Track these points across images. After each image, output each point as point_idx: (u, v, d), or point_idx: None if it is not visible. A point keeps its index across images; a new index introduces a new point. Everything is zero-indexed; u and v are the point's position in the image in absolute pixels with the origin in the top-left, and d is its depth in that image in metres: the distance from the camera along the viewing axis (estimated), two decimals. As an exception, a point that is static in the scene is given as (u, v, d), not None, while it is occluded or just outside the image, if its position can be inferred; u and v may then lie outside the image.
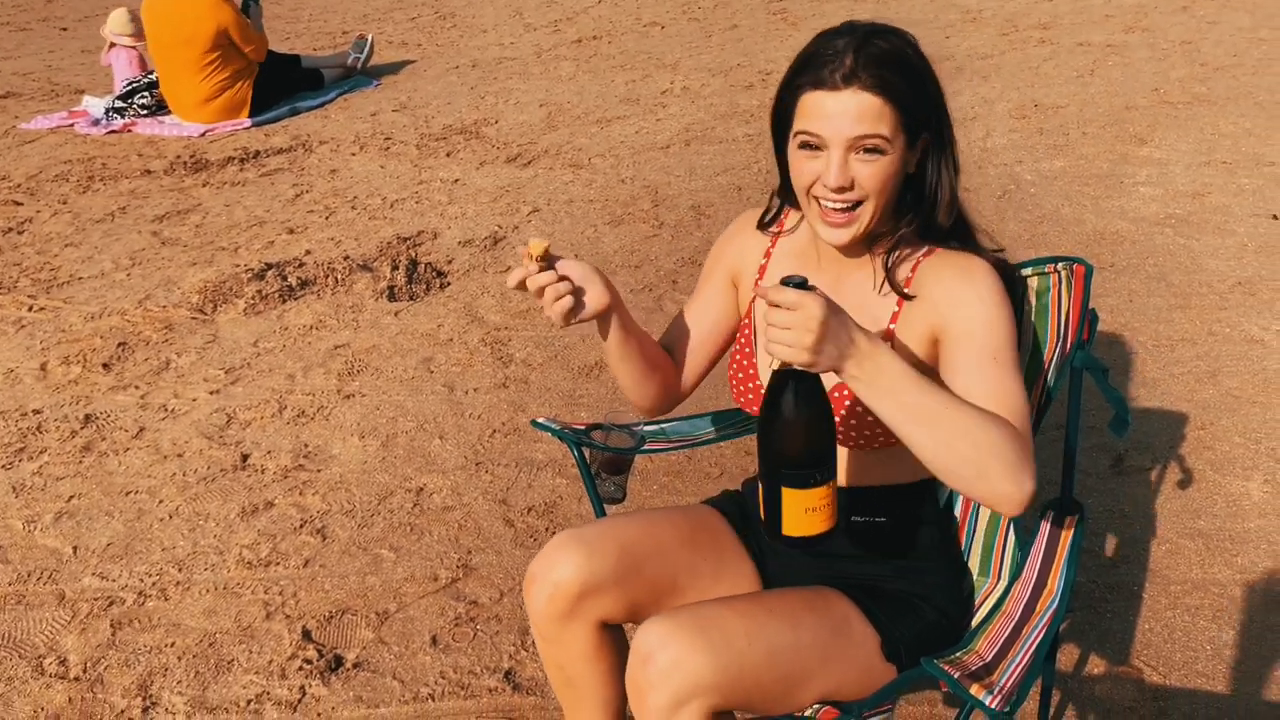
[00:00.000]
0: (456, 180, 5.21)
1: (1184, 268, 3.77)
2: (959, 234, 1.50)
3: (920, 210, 1.49)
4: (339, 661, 2.26)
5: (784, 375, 1.26)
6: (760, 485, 1.32)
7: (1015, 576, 1.63)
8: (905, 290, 1.49)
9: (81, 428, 3.22)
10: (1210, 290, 3.60)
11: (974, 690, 1.31)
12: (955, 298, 1.43)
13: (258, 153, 5.82)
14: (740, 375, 1.65)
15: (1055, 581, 1.54)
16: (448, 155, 5.60)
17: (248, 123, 6.32)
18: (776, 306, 1.23)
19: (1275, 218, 4.11)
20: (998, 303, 1.42)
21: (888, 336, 1.49)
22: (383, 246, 4.44)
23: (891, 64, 1.38)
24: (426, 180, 5.24)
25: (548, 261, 1.48)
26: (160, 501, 2.85)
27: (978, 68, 6.43)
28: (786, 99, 1.45)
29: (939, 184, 1.47)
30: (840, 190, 1.40)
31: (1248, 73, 5.92)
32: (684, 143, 5.52)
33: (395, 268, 4.19)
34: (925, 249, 1.51)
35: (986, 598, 1.66)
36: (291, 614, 2.41)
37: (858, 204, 1.42)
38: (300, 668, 2.24)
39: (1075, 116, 5.43)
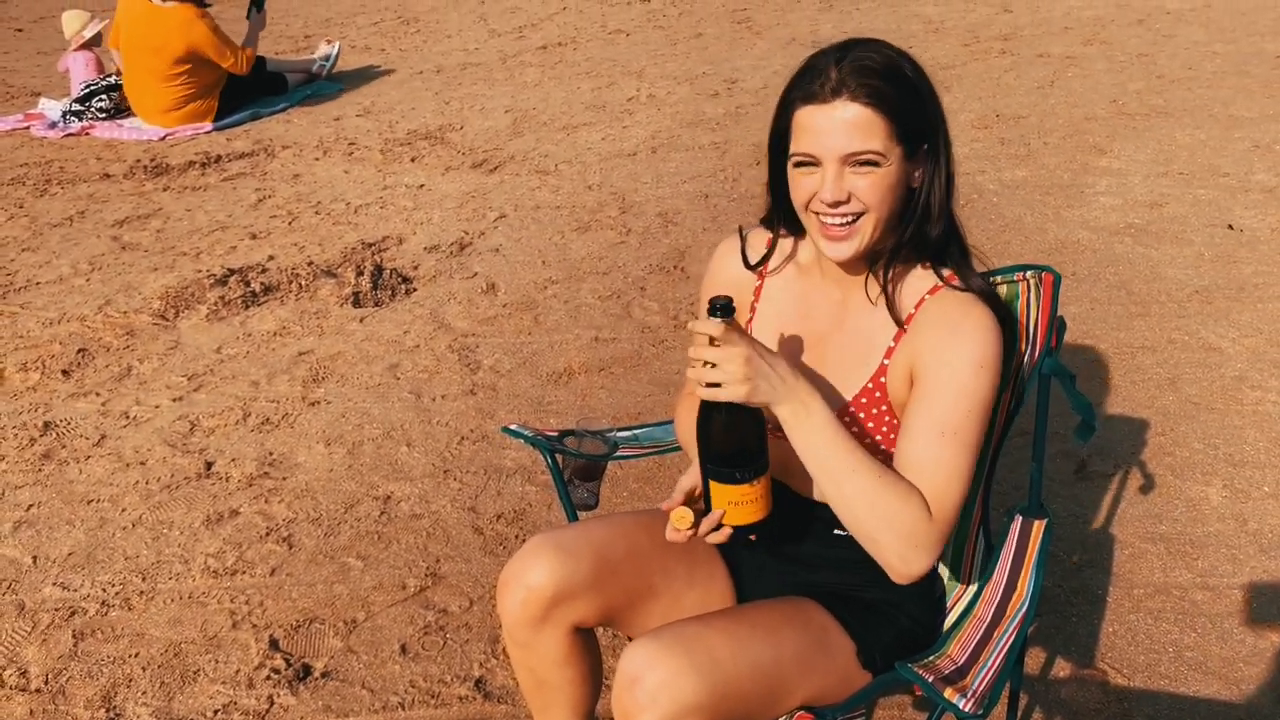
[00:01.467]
0: (422, 186, 5.19)
1: (1143, 276, 3.83)
2: (954, 254, 1.48)
3: (911, 220, 1.46)
4: (307, 671, 2.24)
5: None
6: (702, 475, 1.43)
7: (985, 581, 1.65)
8: (905, 324, 1.47)
9: (41, 435, 3.17)
10: (1169, 298, 3.66)
11: (948, 694, 1.33)
12: (938, 351, 1.42)
13: (219, 157, 5.76)
14: None
15: (1025, 585, 1.57)
16: (412, 161, 5.57)
17: (209, 127, 6.26)
18: (704, 343, 1.30)
19: (1230, 228, 4.19)
20: (977, 369, 1.40)
21: (881, 372, 1.48)
22: (347, 252, 4.41)
23: (882, 74, 1.37)
24: (391, 186, 5.21)
25: (695, 519, 1.45)
26: (123, 510, 2.81)
27: (940, 78, 6.47)
28: (781, 117, 1.44)
29: (930, 194, 1.45)
30: (836, 204, 1.39)
31: (1203, 85, 6.04)
32: (650, 150, 5.53)
33: (360, 273, 4.16)
34: (932, 284, 1.48)
35: (957, 602, 1.68)
36: (258, 623, 2.38)
37: (858, 216, 1.40)
38: (268, 677, 2.22)
39: (1036, 127, 5.51)
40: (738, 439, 1.36)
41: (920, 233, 1.46)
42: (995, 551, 1.67)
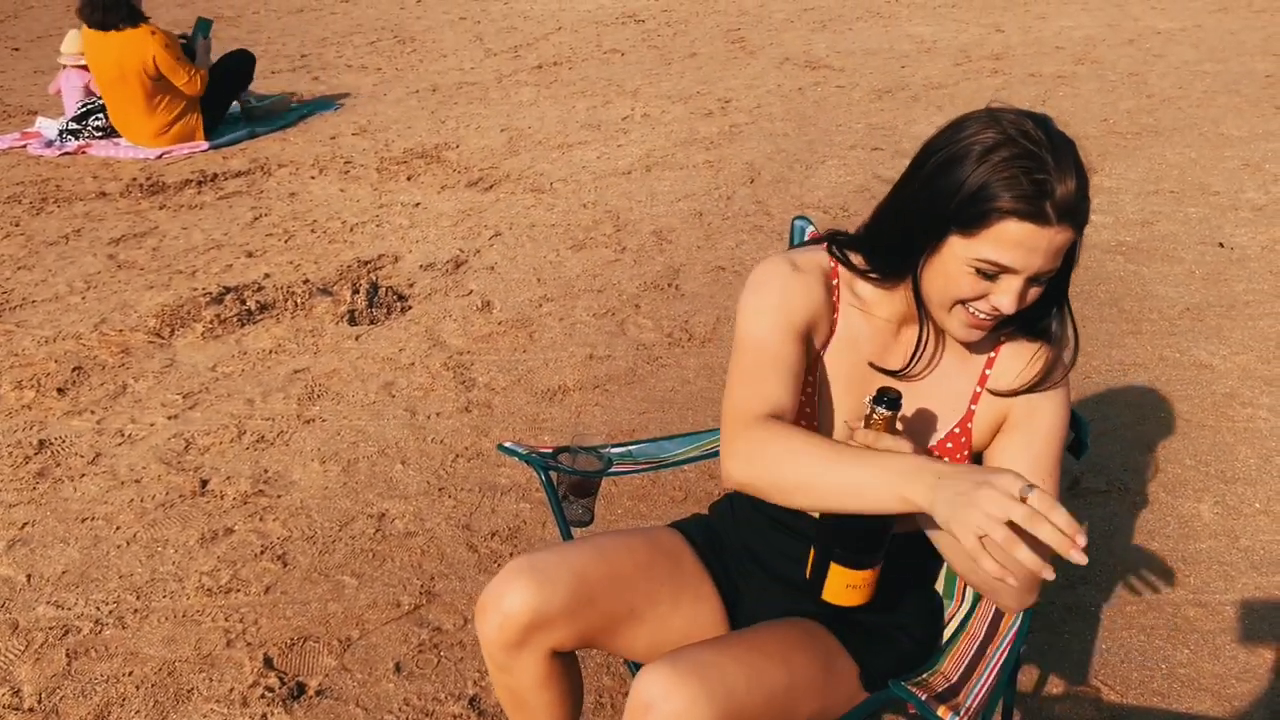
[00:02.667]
0: (417, 204, 5.21)
1: (1135, 294, 3.86)
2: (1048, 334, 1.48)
3: (1045, 308, 1.45)
4: (301, 689, 2.24)
5: None
6: (813, 547, 1.41)
7: (979, 598, 1.66)
8: (988, 368, 1.49)
9: (35, 453, 3.17)
10: (1160, 316, 3.68)
11: (941, 711, 1.33)
12: (1032, 406, 1.46)
13: (215, 175, 5.78)
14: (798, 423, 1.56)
15: (1017, 602, 1.57)
16: (408, 179, 5.60)
17: (205, 145, 6.27)
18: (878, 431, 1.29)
19: (1221, 246, 4.22)
20: (1064, 409, 1.47)
21: (969, 418, 1.50)
22: (343, 270, 4.43)
23: (1088, 196, 1.31)
24: (387, 204, 5.23)
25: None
26: (117, 528, 2.81)
27: (932, 98, 6.55)
28: (977, 210, 1.29)
29: (1050, 307, 1.45)
30: (1009, 314, 1.35)
31: (1193, 104, 6.09)
32: (645, 168, 5.56)
33: (356, 291, 4.17)
34: (1006, 330, 1.48)
35: (951, 618, 1.69)
36: (253, 641, 2.38)
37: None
38: (262, 696, 2.21)
39: (1028, 146, 5.54)
40: (880, 528, 1.35)
41: (1027, 321, 1.47)
42: (988, 568, 1.68)
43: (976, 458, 1.55)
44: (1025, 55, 7.47)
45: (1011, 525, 1.14)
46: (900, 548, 1.53)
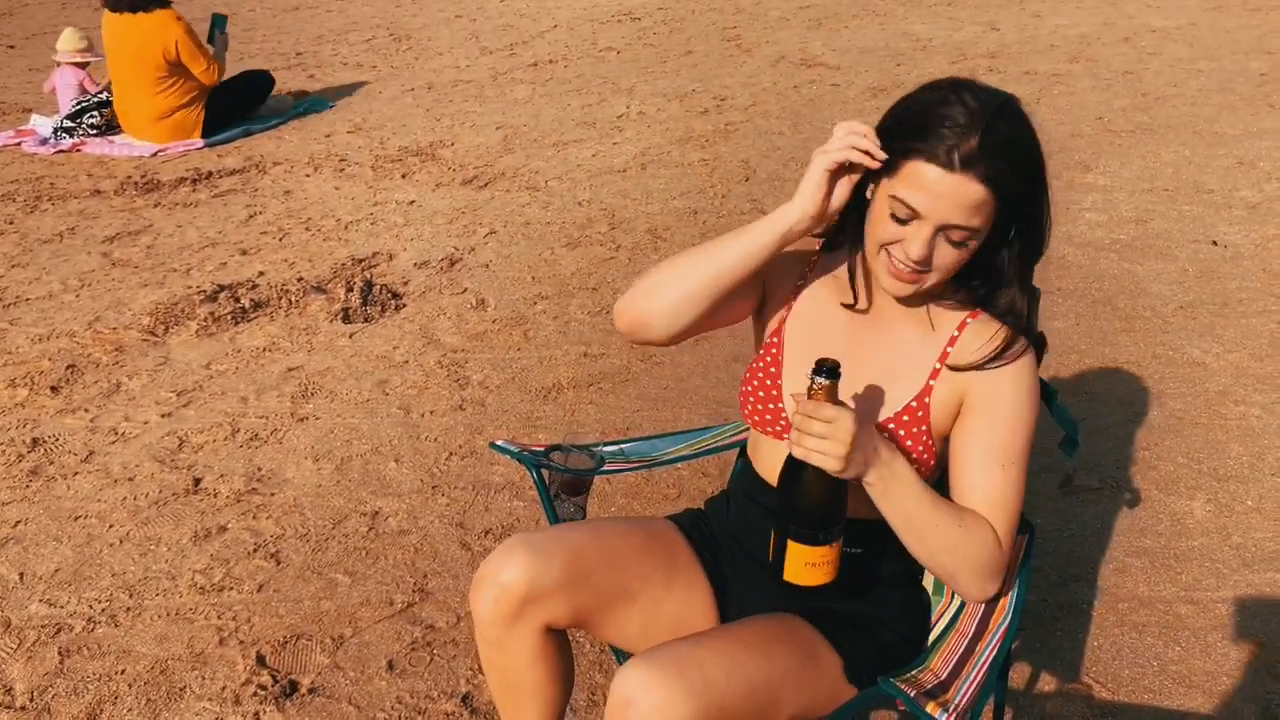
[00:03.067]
0: (412, 202, 5.20)
1: (1128, 292, 3.86)
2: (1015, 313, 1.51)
3: (981, 280, 1.51)
4: (294, 687, 2.24)
5: (798, 460, 1.37)
6: (773, 529, 1.43)
7: (968, 595, 1.66)
8: (950, 345, 1.52)
9: (29, 451, 3.16)
10: (1154, 314, 3.69)
11: (930, 708, 1.34)
12: (992, 381, 1.48)
13: (210, 173, 5.77)
14: (760, 395, 1.63)
15: (1007, 600, 1.57)
16: (403, 177, 5.59)
17: (200, 143, 6.27)
18: (810, 417, 1.32)
19: (1214, 243, 4.23)
20: (1028, 398, 1.48)
21: (926, 393, 1.51)
22: (337, 268, 4.42)
23: (1011, 153, 1.36)
24: (382, 202, 5.23)
25: None
26: (110, 526, 2.81)
27: (928, 95, 6.54)
28: (894, 147, 1.40)
29: (1004, 262, 1.49)
30: (919, 262, 1.41)
31: (1187, 102, 6.10)
32: (640, 166, 5.56)
33: (350, 289, 4.17)
34: (969, 311, 1.52)
35: (941, 616, 1.69)
36: (245, 639, 2.38)
37: (926, 272, 1.43)
38: (255, 694, 2.21)
39: (1022, 144, 5.54)
40: (830, 501, 1.37)
41: (989, 293, 1.52)
42: (978, 566, 1.68)
43: (945, 450, 1.56)
44: (1020, 53, 7.48)
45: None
46: (878, 539, 1.55)
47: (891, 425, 1.52)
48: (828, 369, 1.32)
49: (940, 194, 1.35)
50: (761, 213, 4.74)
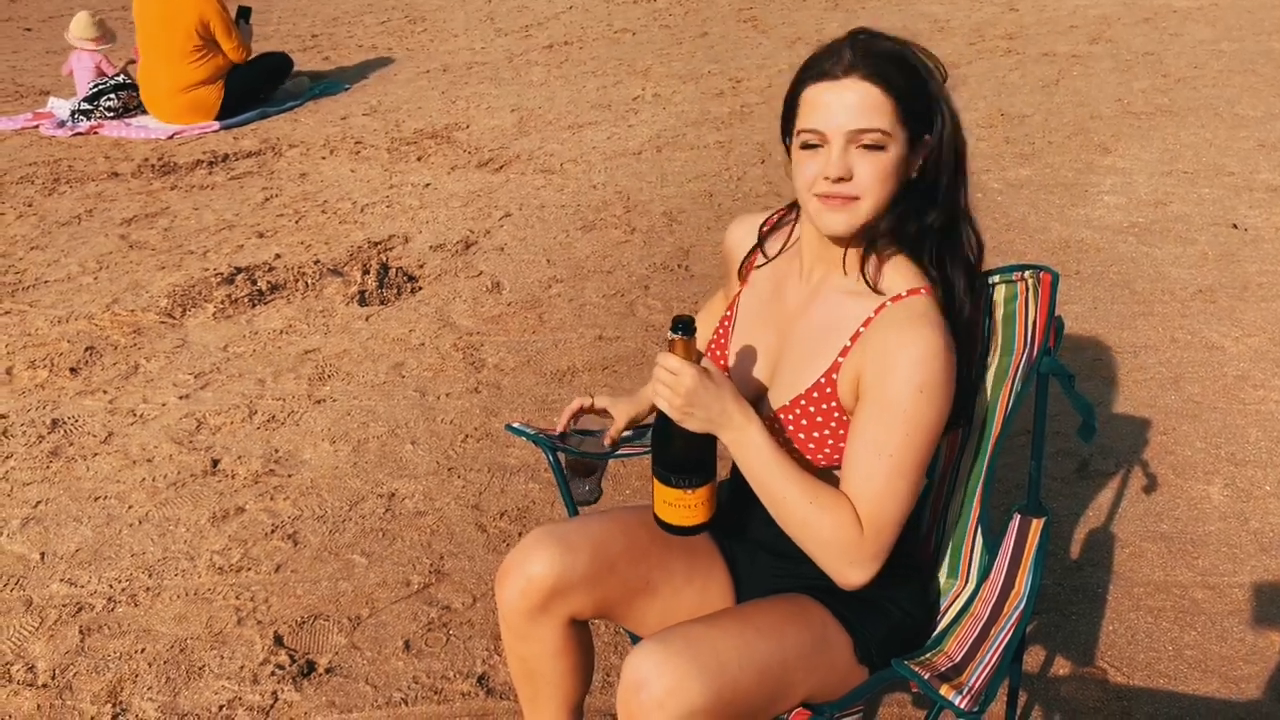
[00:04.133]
0: (428, 185, 5.21)
1: (1147, 275, 3.83)
2: (958, 250, 1.50)
3: (908, 204, 1.48)
4: (311, 667, 2.26)
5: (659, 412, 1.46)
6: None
7: (983, 579, 1.66)
8: (863, 326, 1.49)
9: (49, 433, 3.19)
10: (1172, 298, 3.66)
11: (944, 691, 1.34)
12: (882, 367, 1.43)
13: (226, 156, 5.78)
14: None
15: (1022, 584, 1.57)
16: (419, 159, 5.59)
17: (216, 126, 6.28)
18: (663, 368, 1.39)
19: (1234, 227, 4.19)
20: (917, 394, 1.40)
21: (834, 369, 1.50)
22: (353, 251, 4.43)
23: (892, 59, 1.42)
24: (397, 184, 5.23)
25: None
26: (129, 507, 2.83)
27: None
28: (791, 99, 1.48)
29: (931, 181, 1.48)
30: (839, 181, 1.42)
31: (1208, 84, 6.03)
32: (655, 149, 5.54)
33: (366, 272, 4.18)
34: (907, 289, 1.48)
35: (955, 599, 1.69)
36: (263, 619, 2.40)
37: (856, 198, 1.43)
38: (272, 673, 2.23)
39: (1041, 126, 5.51)
40: (680, 450, 1.44)
41: (918, 219, 1.48)
42: (994, 550, 1.68)
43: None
44: (1039, 34, 7.41)
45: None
46: None
47: (803, 402, 1.51)
48: (682, 325, 1.37)
49: (836, 105, 1.40)
50: (777, 196, 4.73)
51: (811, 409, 1.51)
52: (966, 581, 1.71)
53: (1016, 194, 4.64)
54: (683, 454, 1.44)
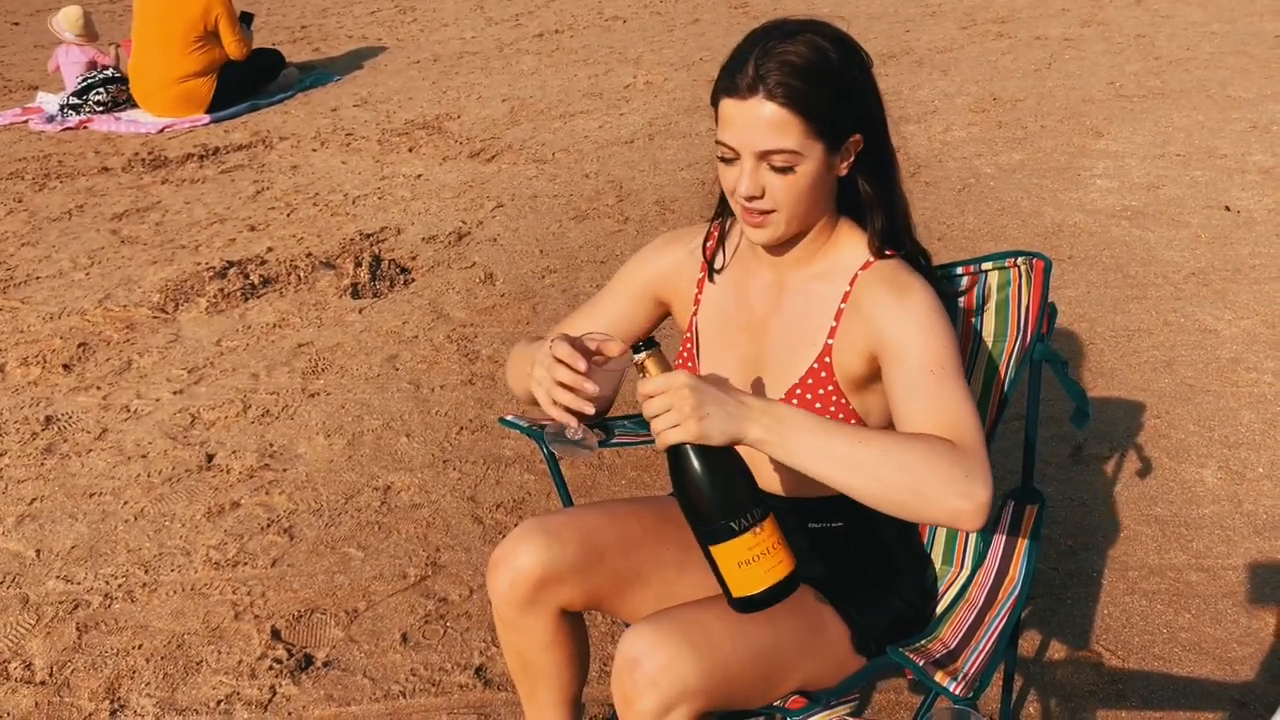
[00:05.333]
0: (419, 176, 5.19)
1: (1140, 259, 3.84)
2: (896, 236, 1.51)
3: (861, 214, 1.51)
4: (309, 660, 2.26)
5: (671, 450, 1.26)
6: (704, 556, 1.28)
7: (978, 565, 1.67)
8: (843, 302, 1.50)
9: (42, 429, 3.18)
10: (1165, 281, 3.67)
11: (938, 677, 1.34)
12: (890, 315, 1.43)
13: (217, 149, 5.76)
14: None
15: (1017, 569, 1.58)
16: (410, 150, 5.58)
17: (206, 119, 6.26)
18: (648, 396, 1.25)
19: (1227, 209, 4.19)
20: (932, 316, 1.42)
21: (826, 352, 1.50)
22: (345, 243, 4.42)
23: (801, 71, 1.35)
24: (389, 176, 5.22)
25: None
26: (125, 503, 2.83)
27: (937, 61, 6.49)
28: (714, 104, 1.44)
29: (872, 190, 1.48)
30: (751, 199, 1.41)
31: (1200, 66, 6.03)
32: (648, 137, 5.53)
33: (359, 264, 4.17)
34: (865, 260, 1.51)
35: (950, 586, 1.69)
36: (260, 614, 2.40)
37: (772, 212, 1.43)
38: (270, 667, 2.24)
39: (1033, 110, 5.50)
40: (721, 479, 1.23)
41: (870, 226, 1.50)
42: (988, 536, 1.69)
43: (868, 408, 1.53)
44: (1031, 17, 7.40)
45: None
46: (852, 506, 1.55)
47: (799, 391, 1.51)
48: (643, 344, 1.26)
49: (741, 123, 1.37)
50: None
51: (809, 396, 1.51)
52: (961, 567, 1.72)
53: (1009, 178, 4.64)
54: (724, 483, 1.23)
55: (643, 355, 1.26)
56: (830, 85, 1.37)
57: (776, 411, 1.27)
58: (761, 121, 1.35)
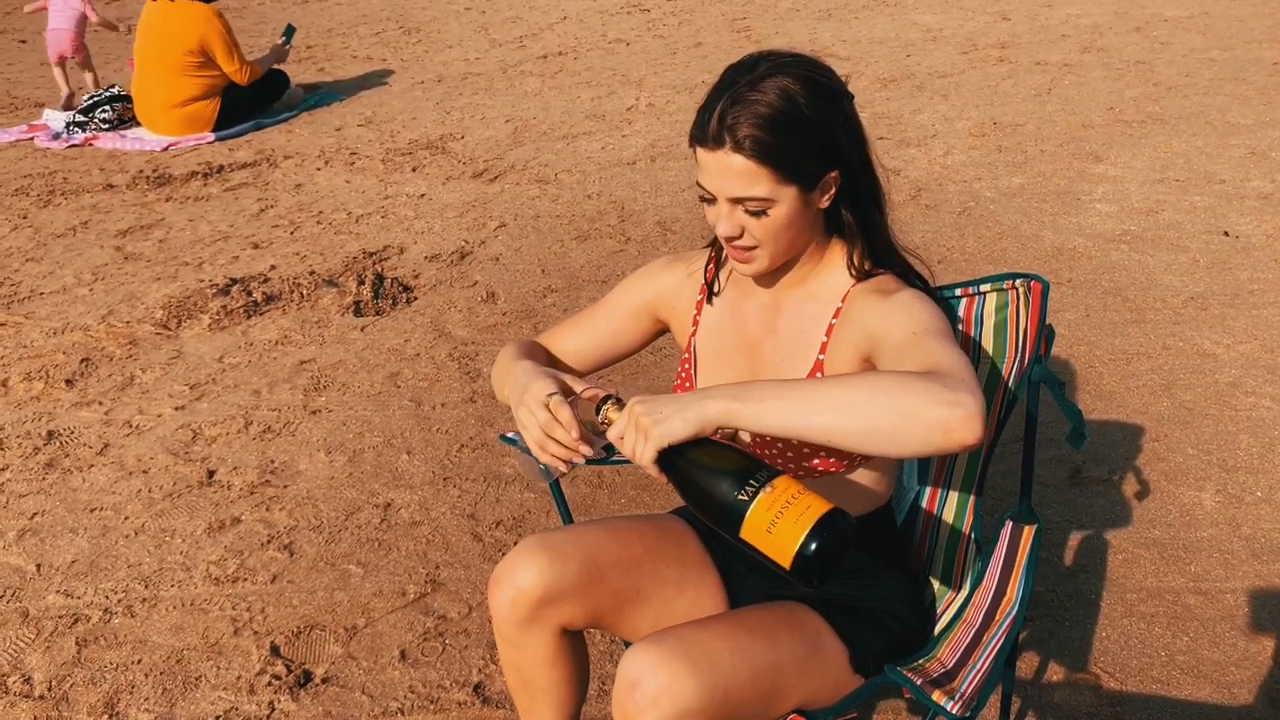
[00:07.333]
0: (423, 195, 5.22)
1: (1139, 283, 3.86)
2: (878, 259, 1.55)
3: (846, 243, 1.55)
4: (308, 677, 2.26)
5: (662, 468, 1.30)
6: (747, 553, 1.25)
7: (976, 586, 1.67)
8: (834, 317, 1.53)
9: (44, 444, 3.19)
10: (1164, 305, 3.68)
11: (936, 696, 1.35)
12: (878, 312, 1.46)
13: (221, 167, 5.80)
14: None
15: (1014, 590, 1.59)
16: (414, 170, 5.61)
17: (211, 137, 6.30)
18: (618, 438, 1.31)
19: (1226, 234, 4.21)
20: (918, 301, 1.45)
21: (818, 367, 1.53)
22: (349, 261, 4.44)
23: (765, 123, 1.35)
24: (392, 195, 5.25)
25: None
26: (125, 518, 2.84)
27: (938, 86, 6.54)
28: (690, 146, 1.47)
29: (852, 218, 1.51)
30: (730, 239, 1.46)
31: (1199, 92, 6.07)
32: (650, 159, 5.57)
33: (361, 283, 4.19)
34: (853, 280, 1.54)
35: (948, 607, 1.70)
36: (260, 630, 2.41)
37: (754, 248, 1.47)
38: (269, 683, 2.24)
39: (1033, 134, 5.54)
40: (711, 466, 1.24)
41: (855, 256, 1.54)
42: (986, 557, 1.70)
43: None
44: (1032, 43, 7.45)
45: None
46: (873, 530, 1.56)
47: None
48: (607, 400, 1.35)
49: (714, 171, 1.40)
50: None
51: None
52: (959, 588, 1.72)
53: (1009, 202, 4.67)
54: (715, 464, 1.24)
55: (604, 411, 1.35)
56: (799, 135, 1.38)
57: (734, 387, 1.28)
58: (730, 171, 1.39)
